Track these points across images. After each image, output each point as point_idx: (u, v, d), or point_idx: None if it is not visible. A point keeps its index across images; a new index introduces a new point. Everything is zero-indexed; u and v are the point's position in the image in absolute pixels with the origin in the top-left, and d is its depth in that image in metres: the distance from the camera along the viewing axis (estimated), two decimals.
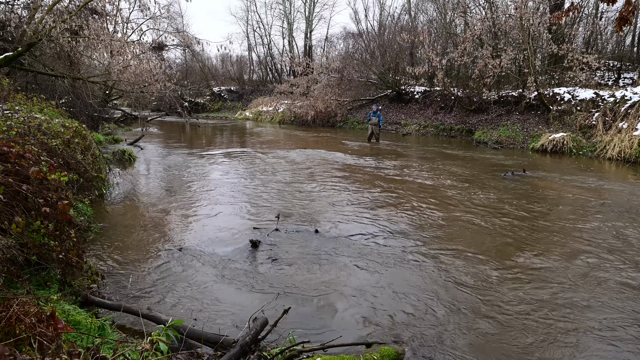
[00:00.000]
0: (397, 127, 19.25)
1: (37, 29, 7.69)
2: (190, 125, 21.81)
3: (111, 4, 8.48)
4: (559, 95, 14.18)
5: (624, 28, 3.61)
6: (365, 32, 25.23)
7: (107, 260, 4.04)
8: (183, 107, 16.52)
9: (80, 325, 2.45)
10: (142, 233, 4.87)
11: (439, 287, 3.59)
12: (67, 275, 2.95)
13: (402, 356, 2.57)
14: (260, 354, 2.42)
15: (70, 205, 2.80)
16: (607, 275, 3.80)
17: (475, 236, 4.84)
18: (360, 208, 5.97)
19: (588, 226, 5.20)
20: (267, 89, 31.26)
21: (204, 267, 3.95)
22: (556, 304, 3.29)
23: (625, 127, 11.17)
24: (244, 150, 12.42)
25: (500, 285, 3.62)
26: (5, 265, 2.44)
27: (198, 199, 6.47)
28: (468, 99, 17.06)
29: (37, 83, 10.55)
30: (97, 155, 6.22)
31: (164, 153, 11.67)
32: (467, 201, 6.34)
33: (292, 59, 25.69)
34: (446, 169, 9.23)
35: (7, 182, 2.60)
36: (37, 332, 1.68)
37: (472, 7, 17.96)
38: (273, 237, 4.74)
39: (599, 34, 17.22)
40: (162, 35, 13.39)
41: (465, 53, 14.89)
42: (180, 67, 31.25)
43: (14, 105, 5.62)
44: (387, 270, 3.92)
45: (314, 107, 21.70)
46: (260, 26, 35.22)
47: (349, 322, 3.06)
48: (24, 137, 3.89)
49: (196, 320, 3.00)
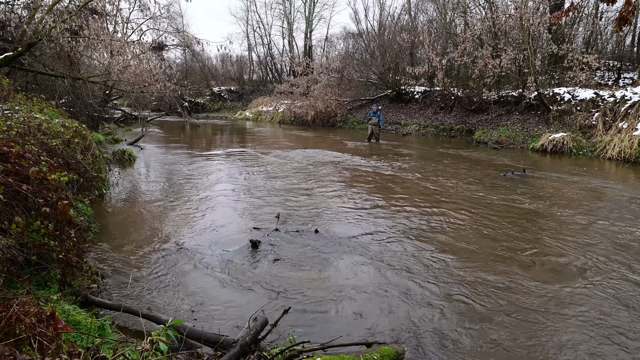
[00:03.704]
0: (397, 127, 19.26)
1: (37, 29, 7.70)
2: (190, 125, 21.82)
3: (111, 4, 8.49)
4: (559, 95, 14.18)
5: (624, 28, 3.61)
6: (365, 32, 25.26)
7: (107, 260, 4.04)
8: (183, 107, 16.54)
9: (80, 325, 2.45)
10: (142, 233, 4.87)
11: (439, 287, 3.59)
12: (67, 275, 2.95)
13: (402, 356, 2.57)
14: (261, 354, 2.42)
15: (70, 205, 2.80)
16: (608, 275, 3.80)
17: (475, 236, 4.84)
18: (360, 208, 5.97)
19: (588, 226, 5.20)
20: (267, 89, 31.29)
21: (204, 267, 3.95)
22: (556, 304, 3.29)
23: (625, 127, 11.17)
24: (243, 150, 12.42)
25: (501, 285, 3.61)
26: (5, 265, 2.44)
27: (198, 199, 6.47)
28: (468, 99, 17.06)
29: (37, 83, 10.55)
30: (97, 155, 6.22)
31: (164, 153, 11.67)
32: (467, 201, 6.34)
33: (292, 59, 25.70)
34: (446, 169, 9.23)
35: (7, 182, 2.60)
36: (37, 332, 1.68)
37: (472, 7, 17.97)
38: (273, 237, 4.74)
39: (599, 34, 17.22)
40: (162, 35, 13.41)
41: (465, 53, 14.90)
42: (180, 67, 31.26)
43: (14, 105, 5.62)
44: (388, 270, 3.92)
45: (314, 107, 21.70)
46: (260, 26, 35.34)
47: (349, 322, 3.06)
48: (24, 137, 3.89)
49: (196, 320, 3.00)
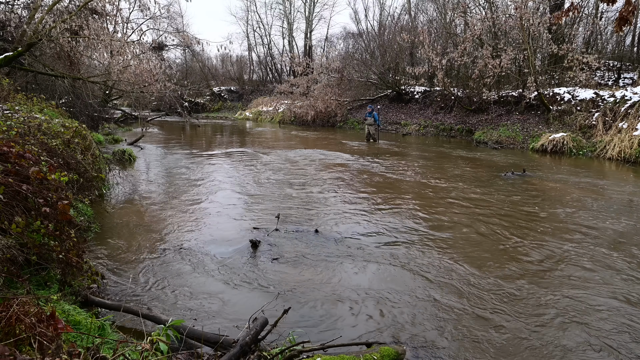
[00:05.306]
0: (397, 127, 19.25)
1: (37, 29, 7.70)
2: (190, 126, 21.81)
3: (111, 4, 8.48)
4: (559, 95, 14.17)
5: (624, 28, 3.61)
6: (365, 32, 25.21)
7: (107, 260, 4.05)
8: (183, 107, 16.52)
9: (80, 325, 2.45)
10: (142, 233, 4.87)
11: (440, 287, 3.59)
12: (67, 275, 2.95)
13: (402, 356, 2.57)
14: (260, 354, 2.42)
15: (70, 205, 2.80)
16: (609, 275, 3.80)
17: (475, 236, 4.84)
18: (360, 208, 5.97)
19: (589, 226, 5.20)
20: (267, 89, 31.27)
21: (204, 267, 3.95)
22: (557, 303, 3.29)
23: (625, 127, 11.17)
24: (243, 150, 12.42)
25: (501, 286, 3.61)
26: (5, 265, 2.44)
27: (198, 198, 6.47)
28: (468, 99, 17.05)
29: (37, 83, 10.55)
30: (97, 155, 6.22)
31: (164, 153, 11.67)
32: (467, 201, 6.34)
33: (292, 59, 25.68)
34: (446, 169, 9.23)
35: (7, 182, 2.60)
36: (37, 332, 1.68)
37: (472, 7, 17.96)
38: (273, 237, 4.74)
39: (599, 34, 17.21)
40: (162, 35, 13.42)
41: (465, 53, 14.89)
42: (180, 67, 31.25)
43: (14, 105, 5.62)
44: (388, 270, 3.92)
45: (314, 107, 21.69)
46: (260, 26, 35.22)
47: (349, 322, 3.06)
48: (24, 137, 3.89)
49: (196, 320, 3.00)
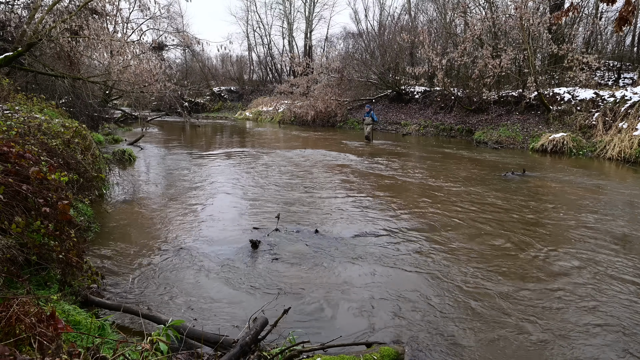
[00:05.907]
0: (397, 127, 19.25)
1: (37, 29, 7.70)
2: (190, 125, 21.81)
3: (111, 4, 8.48)
4: (559, 95, 14.18)
5: (624, 28, 3.61)
6: (365, 32, 25.23)
7: (107, 260, 4.04)
8: (183, 107, 16.54)
9: (80, 325, 2.45)
10: (142, 233, 4.87)
11: (440, 287, 3.59)
12: (67, 275, 2.95)
13: (402, 356, 2.57)
14: (260, 354, 2.42)
15: (70, 205, 2.80)
16: (610, 274, 3.80)
17: (475, 236, 4.84)
18: (360, 208, 5.97)
19: (589, 226, 5.20)
20: (267, 89, 31.28)
21: (204, 267, 3.95)
22: (557, 303, 3.29)
23: (625, 127, 11.17)
24: (243, 150, 12.42)
25: (501, 286, 3.61)
26: (5, 265, 2.44)
27: (198, 198, 6.47)
28: (468, 99, 17.05)
29: (37, 83, 10.56)
30: (97, 155, 6.22)
31: (164, 153, 11.67)
32: (467, 201, 6.34)
33: (292, 59, 25.69)
34: (446, 169, 9.23)
35: (7, 182, 2.60)
36: (37, 332, 1.68)
37: (472, 7, 17.97)
38: (273, 237, 4.74)
39: (599, 34, 17.21)
40: (162, 35, 13.41)
41: (465, 53, 14.89)
42: (180, 67, 31.25)
43: (14, 105, 5.62)
44: (388, 270, 3.92)
45: (314, 107, 21.70)
46: (260, 26, 35.23)
47: (349, 322, 3.06)
48: (24, 137, 3.89)
49: (196, 320, 3.00)
